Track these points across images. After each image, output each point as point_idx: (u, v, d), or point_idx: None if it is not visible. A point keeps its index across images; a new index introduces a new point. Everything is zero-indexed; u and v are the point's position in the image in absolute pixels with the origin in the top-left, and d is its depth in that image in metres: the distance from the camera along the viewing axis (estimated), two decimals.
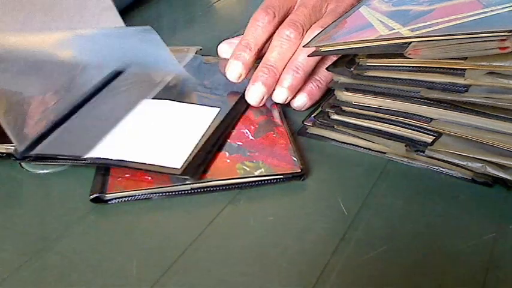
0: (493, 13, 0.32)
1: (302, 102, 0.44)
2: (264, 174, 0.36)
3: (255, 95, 0.43)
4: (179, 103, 0.44)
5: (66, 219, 0.34)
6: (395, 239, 0.31)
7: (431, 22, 0.34)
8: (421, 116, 0.36)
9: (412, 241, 0.31)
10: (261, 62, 0.44)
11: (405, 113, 0.37)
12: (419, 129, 0.36)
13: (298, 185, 0.36)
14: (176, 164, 0.35)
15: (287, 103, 0.44)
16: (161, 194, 0.35)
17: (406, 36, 0.33)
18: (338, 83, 0.40)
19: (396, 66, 0.36)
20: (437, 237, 0.32)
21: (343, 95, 0.40)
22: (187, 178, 0.35)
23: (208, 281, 0.29)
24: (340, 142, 0.41)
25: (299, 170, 0.36)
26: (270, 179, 0.36)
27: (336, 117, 0.40)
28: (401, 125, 0.37)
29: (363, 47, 0.36)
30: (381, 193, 0.35)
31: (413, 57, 0.33)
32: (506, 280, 0.29)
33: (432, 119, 0.36)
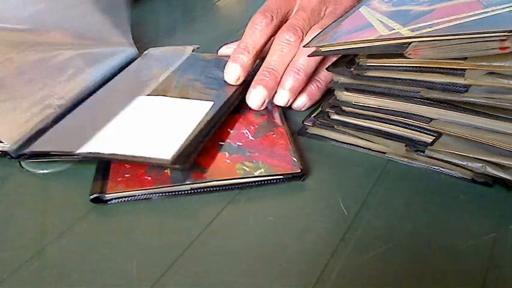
0: (494, 13, 0.32)
1: (302, 102, 0.44)
2: (264, 174, 0.36)
3: (257, 99, 0.43)
4: (173, 98, 0.44)
5: (66, 219, 0.34)
6: (395, 239, 0.31)
7: (431, 22, 0.34)
8: (421, 116, 0.36)
9: (412, 241, 0.31)
10: (262, 66, 0.44)
11: (405, 113, 0.37)
12: (419, 129, 0.36)
13: (298, 185, 0.36)
14: (167, 156, 0.35)
15: None
16: (161, 194, 0.35)
17: (406, 36, 0.33)
18: (338, 83, 0.40)
19: (396, 66, 0.36)
20: (437, 237, 0.32)
21: (343, 95, 0.40)
22: (177, 167, 0.35)
23: (208, 281, 0.29)
24: (340, 142, 0.41)
25: (299, 170, 0.36)
26: (270, 179, 0.36)
27: (336, 117, 0.40)
28: (401, 125, 0.37)
29: (363, 47, 0.36)
30: (381, 193, 0.35)
31: (413, 57, 0.33)
32: (506, 280, 0.29)
33: (432, 119, 0.36)
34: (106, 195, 0.35)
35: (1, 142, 0.39)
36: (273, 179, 0.36)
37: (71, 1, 0.49)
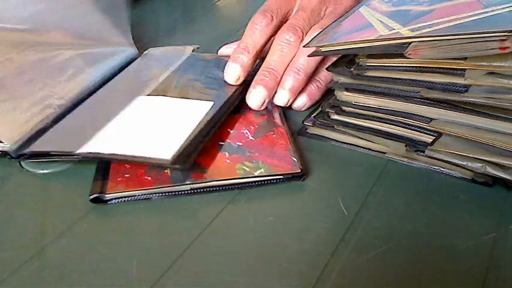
0: (493, 13, 0.32)
1: (302, 102, 0.44)
2: (264, 174, 0.36)
3: (256, 98, 0.43)
4: (173, 98, 0.44)
5: (66, 219, 0.34)
6: (395, 239, 0.31)
7: (431, 22, 0.34)
8: (421, 116, 0.36)
9: (412, 241, 0.31)
10: (262, 66, 0.44)
11: (405, 113, 0.37)
12: (419, 129, 0.36)
13: (298, 185, 0.36)
14: (167, 156, 0.35)
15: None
16: (161, 194, 0.35)
17: (406, 36, 0.33)
18: (338, 83, 0.40)
19: (396, 66, 0.36)
20: (437, 237, 0.32)
21: (343, 95, 0.40)
22: (177, 167, 0.35)
23: (208, 281, 0.29)
24: (340, 142, 0.41)
25: (299, 171, 0.36)
26: (270, 179, 0.36)
27: (336, 117, 0.40)
28: (401, 125, 0.37)
29: (363, 47, 0.36)
30: (381, 193, 0.35)
31: (413, 57, 0.33)
32: (506, 280, 0.29)
33: (432, 119, 0.36)
34: (106, 195, 0.35)
35: (1, 142, 0.39)
36: (273, 179, 0.36)
37: (71, 1, 0.49)
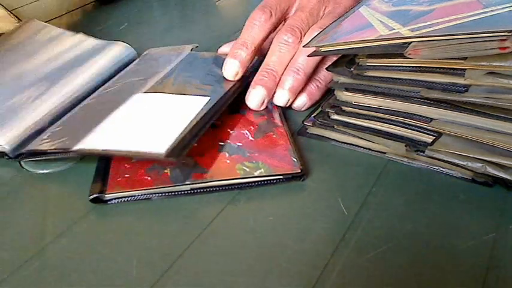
0: (493, 13, 0.32)
1: (302, 102, 0.44)
2: (264, 174, 0.36)
3: (256, 99, 0.43)
4: (170, 95, 0.44)
5: (66, 219, 0.34)
6: (395, 239, 0.31)
7: (431, 22, 0.34)
8: (421, 116, 0.36)
9: (412, 241, 0.31)
10: (261, 67, 0.44)
11: (405, 113, 0.37)
12: (419, 129, 0.36)
13: (298, 185, 0.36)
14: (161, 149, 0.35)
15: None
16: (161, 194, 0.35)
17: (406, 36, 0.33)
18: (338, 83, 0.40)
19: (396, 66, 0.36)
20: (437, 237, 0.32)
21: (343, 95, 0.40)
22: (171, 160, 0.35)
23: (208, 281, 0.29)
24: (340, 142, 0.41)
25: (299, 171, 0.36)
26: (270, 180, 0.36)
27: (336, 117, 0.40)
28: (401, 125, 0.37)
29: (363, 47, 0.36)
30: (381, 193, 0.35)
31: (413, 57, 0.33)
32: (506, 280, 0.29)
33: (432, 119, 0.36)
34: (106, 195, 0.35)
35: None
36: (273, 179, 0.36)
37: None
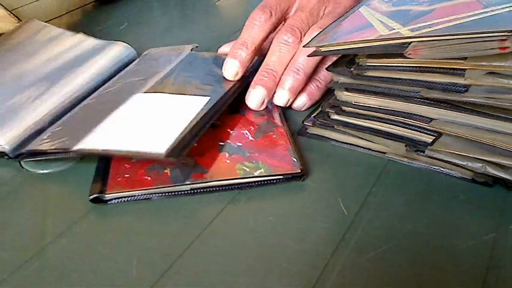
0: (493, 13, 0.32)
1: (302, 102, 0.44)
2: (264, 174, 0.36)
3: (256, 99, 0.43)
4: (170, 95, 0.44)
5: (66, 219, 0.34)
6: (395, 239, 0.31)
7: (431, 22, 0.34)
8: (421, 116, 0.36)
9: (412, 241, 0.31)
10: (261, 67, 0.44)
11: (405, 113, 0.37)
12: (419, 129, 0.36)
13: (298, 185, 0.36)
14: (161, 149, 0.35)
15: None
16: (161, 194, 0.35)
17: (406, 36, 0.33)
18: (338, 83, 0.40)
19: (396, 66, 0.36)
20: (437, 237, 0.32)
21: (343, 95, 0.40)
22: (171, 160, 0.35)
23: (208, 281, 0.29)
24: (340, 142, 0.41)
25: (299, 171, 0.36)
26: (270, 180, 0.36)
27: (336, 117, 0.40)
28: (401, 125, 0.37)
29: (363, 47, 0.36)
30: (381, 193, 0.35)
31: (413, 57, 0.33)
32: (506, 280, 0.29)
33: (432, 119, 0.36)
34: (106, 195, 0.35)
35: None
36: (273, 179, 0.36)
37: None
